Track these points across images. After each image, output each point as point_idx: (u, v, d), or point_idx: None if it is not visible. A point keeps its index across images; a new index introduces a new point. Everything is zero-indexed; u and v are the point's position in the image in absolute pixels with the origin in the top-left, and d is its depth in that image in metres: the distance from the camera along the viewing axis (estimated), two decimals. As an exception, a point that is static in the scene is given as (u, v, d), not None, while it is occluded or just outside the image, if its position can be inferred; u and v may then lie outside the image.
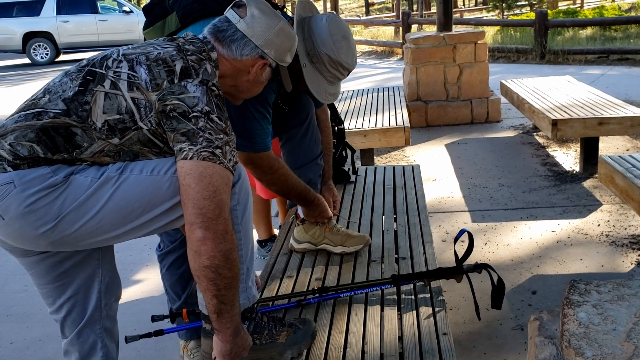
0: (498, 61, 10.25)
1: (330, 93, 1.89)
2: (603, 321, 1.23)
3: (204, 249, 1.27)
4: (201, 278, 1.30)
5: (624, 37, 11.47)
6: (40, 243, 1.32)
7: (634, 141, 4.83)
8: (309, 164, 2.14)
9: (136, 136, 1.35)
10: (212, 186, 1.28)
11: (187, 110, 1.31)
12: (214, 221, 1.27)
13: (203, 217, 1.27)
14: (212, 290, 1.30)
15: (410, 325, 1.62)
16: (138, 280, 3.03)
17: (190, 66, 1.38)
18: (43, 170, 1.29)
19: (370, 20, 18.31)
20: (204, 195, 1.27)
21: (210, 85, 1.38)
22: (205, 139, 1.30)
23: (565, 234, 3.19)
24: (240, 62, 1.47)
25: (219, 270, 1.28)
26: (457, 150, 4.99)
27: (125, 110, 1.33)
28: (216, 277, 1.29)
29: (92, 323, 1.53)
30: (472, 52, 5.88)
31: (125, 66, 1.36)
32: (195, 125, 1.31)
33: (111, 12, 15.53)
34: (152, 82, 1.34)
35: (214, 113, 1.34)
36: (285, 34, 1.52)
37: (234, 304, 1.36)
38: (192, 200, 1.28)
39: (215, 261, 1.27)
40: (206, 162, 1.29)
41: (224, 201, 1.30)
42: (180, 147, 1.31)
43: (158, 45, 1.43)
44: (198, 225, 1.27)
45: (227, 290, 1.32)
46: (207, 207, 1.27)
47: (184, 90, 1.33)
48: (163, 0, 1.92)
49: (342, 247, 2.07)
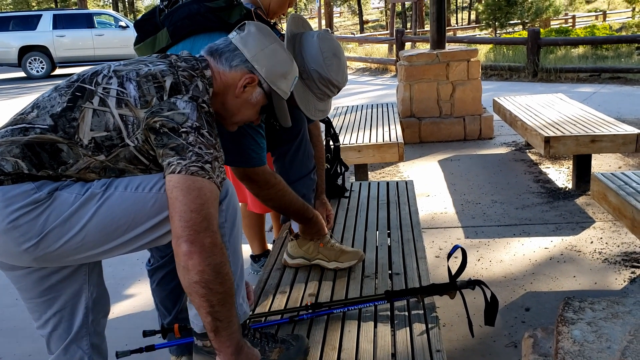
0: (491, 79, 10.34)
1: (320, 110, 1.88)
2: (597, 339, 1.22)
3: (191, 263, 1.23)
4: (192, 295, 1.26)
5: (615, 56, 11.62)
6: (24, 259, 1.30)
7: (626, 159, 4.86)
8: (302, 178, 2.14)
9: (122, 153, 1.33)
10: (199, 199, 1.25)
11: (177, 126, 1.29)
12: (201, 234, 1.24)
13: (190, 229, 1.23)
14: (205, 307, 1.26)
15: (404, 341, 1.61)
16: (130, 295, 3.00)
17: (180, 82, 1.36)
18: (27, 186, 1.27)
19: (364, 38, 18.48)
20: (191, 207, 1.24)
21: (201, 102, 1.35)
22: (195, 154, 1.28)
23: (558, 250, 3.20)
24: (229, 75, 1.45)
25: (209, 285, 1.24)
26: (450, 166, 5.01)
27: (113, 127, 1.31)
28: (208, 293, 1.25)
29: (78, 339, 1.50)
30: (465, 70, 5.93)
31: (115, 82, 1.35)
32: (185, 140, 1.28)
33: (107, 27, 15.60)
34: (141, 99, 1.32)
35: (204, 128, 1.31)
36: (279, 57, 1.50)
37: (230, 320, 1.31)
38: (179, 213, 1.24)
39: (204, 276, 1.23)
40: (194, 176, 1.26)
41: (212, 215, 1.27)
42: (169, 162, 1.28)
43: (150, 62, 1.41)
44: (184, 238, 1.23)
45: (222, 307, 1.27)
46: (193, 220, 1.24)
47: (173, 107, 1.31)
48: (154, 16, 1.92)
49: (336, 263, 2.06)
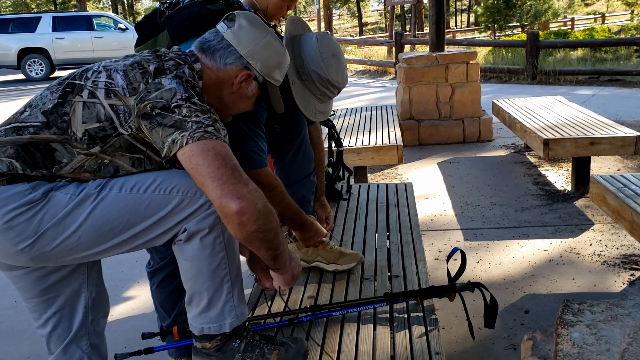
0: (490, 81, 10.36)
1: (320, 111, 1.88)
2: (597, 341, 1.22)
3: (245, 218, 1.23)
4: (253, 242, 1.30)
5: (614, 58, 11.64)
6: (20, 259, 1.31)
7: (625, 161, 4.87)
8: (302, 180, 2.14)
9: (118, 142, 1.34)
10: (220, 155, 1.26)
11: (167, 103, 1.30)
12: (238, 185, 1.24)
13: (226, 185, 1.23)
14: (264, 247, 1.33)
15: (403, 344, 1.60)
16: (129, 297, 3.00)
17: (165, 68, 1.37)
18: (22, 187, 1.28)
19: (363, 40, 18.51)
20: (216, 165, 1.24)
21: (185, 79, 1.35)
22: (194, 122, 1.28)
23: (557, 253, 3.20)
24: (224, 71, 1.46)
25: (265, 227, 1.28)
26: (450, 168, 5.01)
27: (105, 118, 1.32)
28: (265, 235, 1.29)
29: (78, 339, 1.51)
30: (464, 72, 5.94)
31: (104, 76, 1.36)
32: (179, 115, 1.28)
33: (107, 29, 15.62)
34: (128, 87, 1.33)
35: (194, 97, 1.32)
36: (273, 49, 1.50)
37: (283, 244, 1.39)
38: (208, 175, 1.24)
39: (259, 223, 1.26)
40: (203, 140, 1.27)
41: (237, 165, 1.28)
42: (173, 139, 1.28)
43: (138, 55, 1.43)
44: (227, 197, 1.22)
45: (276, 238, 1.34)
46: (226, 175, 1.24)
47: (159, 86, 1.32)
48: (155, 19, 1.92)
49: (335, 265, 2.06)
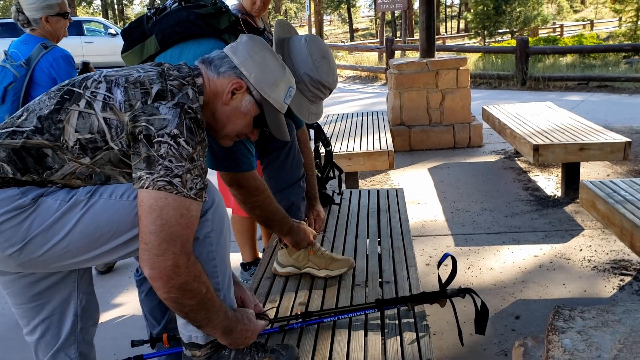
0: (480, 87, 10.41)
1: (313, 113, 1.88)
2: (588, 348, 1.22)
3: (156, 285, 1.25)
4: (167, 304, 1.30)
5: (603, 64, 11.75)
6: (9, 264, 1.30)
7: (614, 166, 4.90)
8: (292, 186, 2.13)
9: (107, 156, 1.32)
10: (160, 219, 1.23)
11: (153, 134, 1.26)
12: (159, 257, 1.23)
13: (148, 253, 1.23)
14: (181, 314, 1.33)
15: (394, 350, 1.60)
16: (118, 303, 2.97)
17: (167, 90, 1.33)
18: (12, 192, 1.27)
19: (354, 46, 18.57)
20: (150, 229, 1.23)
21: (187, 107, 1.31)
22: (164, 167, 1.25)
23: (547, 258, 3.21)
24: (218, 81, 1.44)
25: (178, 300, 1.28)
26: (440, 174, 5.02)
27: (97, 130, 1.30)
28: (179, 306, 1.29)
29: (67, 347, 1.50)
30: (454, 78, 5.96)
31: (104, 87, 1.34)
32: (156, 152, 1.25)
33: (97, 34, 15.54)
34: (125, 103, 1.31)
35: (182, 137, 1.27)
36: (270, 65, 1.48)
37: (209, 319, 1.35)
38: (141, 234, 1.24)
39: (171, 295, 1.26)
40: (160, 192, 1.24)
41: (176, 234, 1.24)
42: (139, 175, 1.26)
43: (141, 69, 1.40)
44: (145, 262, 1.23)
45: (196, 314, 1.32)
46: (152, 243, 1.23)
47: (155, 111, 1.29)
48: (142, 24, 1.91)
49: (326, 271, 2.05)
